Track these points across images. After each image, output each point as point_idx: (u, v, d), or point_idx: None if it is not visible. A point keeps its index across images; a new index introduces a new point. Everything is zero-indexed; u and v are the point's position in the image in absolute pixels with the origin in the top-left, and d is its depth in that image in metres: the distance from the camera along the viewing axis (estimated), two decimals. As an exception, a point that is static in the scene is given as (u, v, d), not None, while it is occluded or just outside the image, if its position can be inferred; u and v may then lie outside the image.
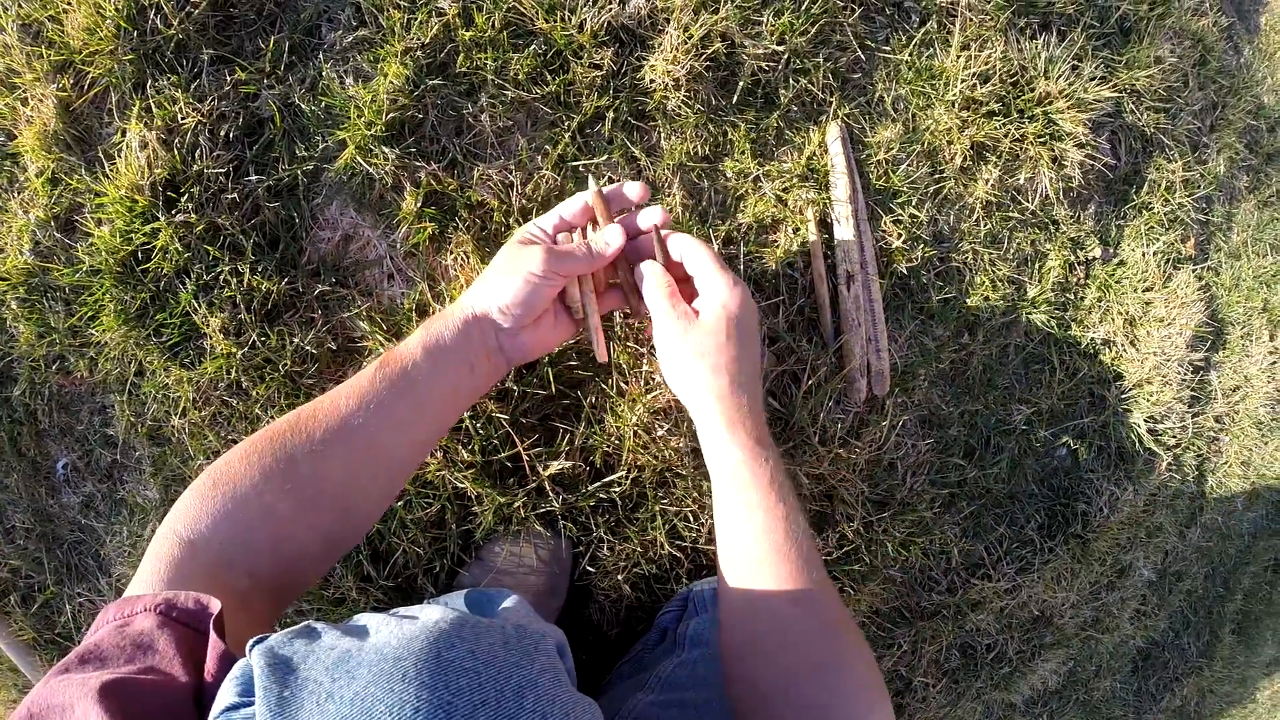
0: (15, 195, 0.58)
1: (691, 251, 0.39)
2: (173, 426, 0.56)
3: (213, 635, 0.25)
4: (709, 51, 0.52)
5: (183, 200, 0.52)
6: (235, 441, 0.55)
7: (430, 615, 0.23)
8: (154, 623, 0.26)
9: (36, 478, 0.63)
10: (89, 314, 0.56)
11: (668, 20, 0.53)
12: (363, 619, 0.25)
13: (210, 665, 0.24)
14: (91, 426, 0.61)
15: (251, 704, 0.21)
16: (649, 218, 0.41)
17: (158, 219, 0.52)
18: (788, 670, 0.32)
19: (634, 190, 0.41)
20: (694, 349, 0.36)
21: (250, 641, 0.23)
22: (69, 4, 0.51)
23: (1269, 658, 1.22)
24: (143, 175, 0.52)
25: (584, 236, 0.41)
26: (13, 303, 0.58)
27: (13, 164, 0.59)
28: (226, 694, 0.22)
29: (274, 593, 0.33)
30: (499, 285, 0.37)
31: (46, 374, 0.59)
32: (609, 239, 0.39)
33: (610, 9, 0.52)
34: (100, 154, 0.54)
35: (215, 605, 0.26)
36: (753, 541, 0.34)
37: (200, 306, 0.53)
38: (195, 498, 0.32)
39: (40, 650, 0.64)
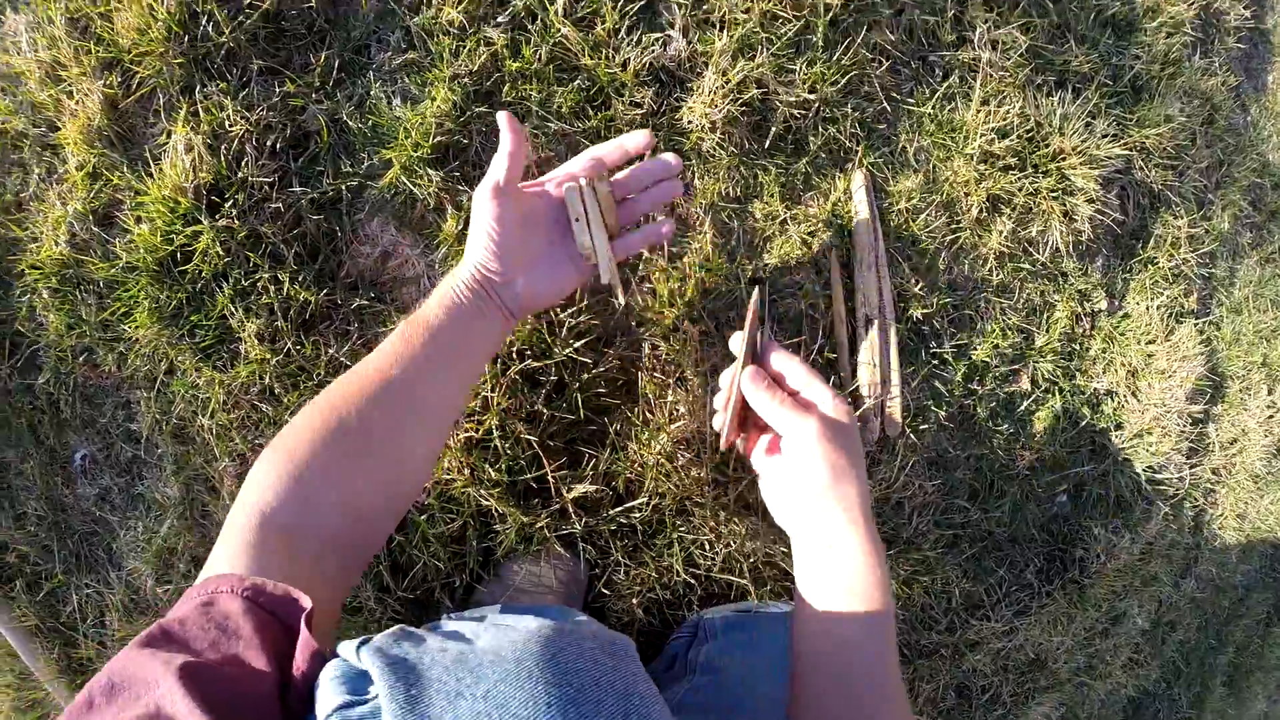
0: (54, 186, 0.61)
1: (793, 364, 0.41)
2: (199, 426, 0.59)
3: (304, 632, 0.26)
4: (745, 97, 0.57)
5: (226, 206, 0.56)
6: (262, 445, 0.58)
7: (530, 622, 0.26)
8: (240, 607, 0.27)
9: (53, 466, 0.66)
10: (122, 310, 0.59)
11: (706, 64, 0.58)
12: (452, 625, 0.27)
13: (300, 662, 0.26)
14: (114, 420, 0.64)
15: (365, 702, 0.23)
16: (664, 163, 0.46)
17: (200, 222, 0.55)
18: None
19: (636, 140, 0.45)
20: (835, 449, 0.37)
21: (350, 642, 0.25)
22: (120, 2, 0.54)
23: (1259, 712, 1.27)
24: (187, 178, 0.55)
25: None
26: (44, 292, 0.61)
27: (53, 155, 0.61)
28: (333, 693, 0.23)
29: (345, 552, 0.35)
30: (472, 240, 0.42)
31: (73, 365, 0.62)
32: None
33: (653, 50, 0.57)
34: (143, 153, 0.58)
35: (306, 601, 0.28)
36: (855, 634, 0.35)
37: (237, 311, 0.56)
38: (261, 471, 0.35)
39: (41, 637, 0.66)
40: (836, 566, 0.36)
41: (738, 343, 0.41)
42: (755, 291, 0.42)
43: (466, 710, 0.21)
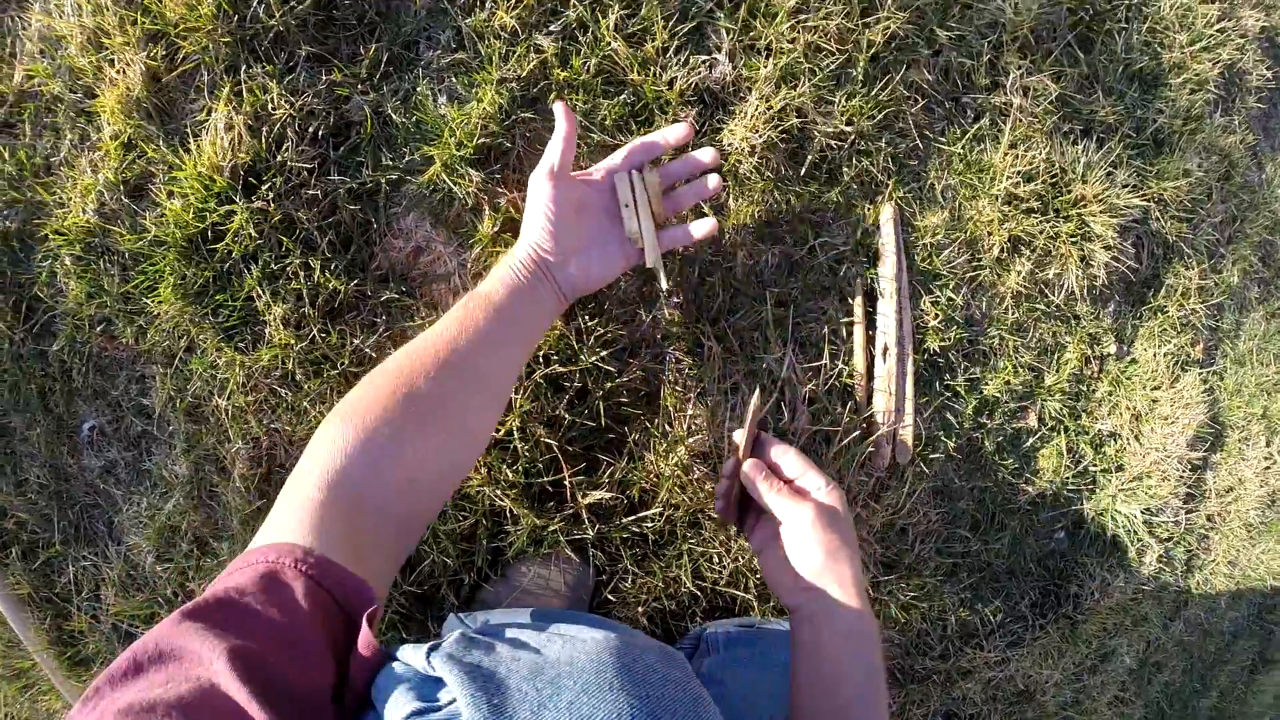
0: (86, 153, 0.61)
1: (789, 455, 0.44)
2: (214, 407, 0.60)
3: (365, 629, 0.26)
4: (784, 124, 0.60)
5: (263, 188, 0.56)
6: (278, 430, 0.59)
7: (595, 633, 0.26)
8: (303, 587, 0.26)
9: (60, 435, 0.66)
10: (146, 283, 0.60)
11: (750, 90, 0.60)
12: (514, 633, 0.27)
13: (360, 660, 0.25)
14: (127, 394, 0.65)
15: (438, 709, 0.23)
16: (704, 157, 0.49)
17: (234, 202, 0.56)
18: None
19: (677, 132, 0.48)
20: (828, 532, 0.40)
21: (415, 647, 0.25)
22: None
23: (1240, 758, 1.31)
24: (225, 157, 0.56)
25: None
26: (67, 259, 0.62)
27: (87, 122, 0.62)
28: (402, 698, 0.23)
29: (402, 523, 0.35)
30: (528, 222, 0.45)
31: (90, 334, 0.63)
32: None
33: (699, 72, 0.59)
34: (181, 129, 0.58)
35: (372, 592, 0.27)
36: (853, 693, 0.38)
37: (264, 294, 0.57)
38: (329, 435, 0.34)
39: (34, 607, 0.66)
40: (833, 634, 0.39)
41: (739, 437, 0.44)
42: (757, 394, 0.45)
43: None
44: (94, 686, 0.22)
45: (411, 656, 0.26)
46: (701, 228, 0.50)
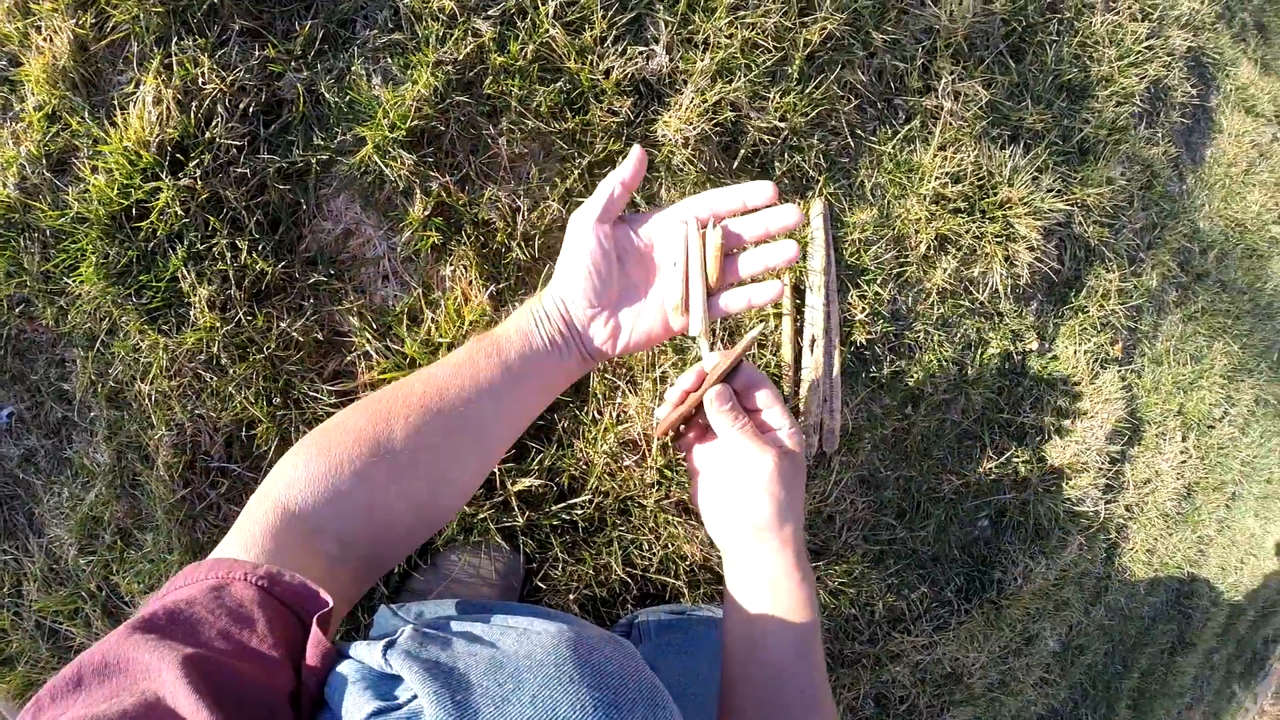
0: (8, 124, 0.58)
1: (766, 388, 0.40)
2: (137, 392, 0.57)
3: (316, 630, 0.25)
4: (719, 117, 0.60)
5: (190, 165, 0.54)
6: (202, 416, 0.57)
7: (548, 625, 0.26)
8: (254, 595, 0.25)
9: (-26, 422, 0.63)
10: (68, 262, 0.57)
11: (686, 82, 0.60)
12: (464, 626, 0.26)
13: (312, 660, 0.24)
14: (46, 378, 0.61)
15: (398, 707, 0.22)
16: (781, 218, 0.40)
17: (161, 178, 0.53)
18: None
19: (761, 193, 0.39)
20: (784, 486, 0.37)
21: (368, 644, 0.24)
22: None
23: (1162, 735, 1.37)
24: (152, 132, 0.53)
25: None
26: (-18, 237, 0.58)
27: (10, 91, 0.58)
28: (360, 698, 0.22)
29: (360, 565, 0.33)
30: (564, 271, 0.38)
31: (8, 315, 0.60)
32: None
33: (636, 62, 0.58)
34: (108, 101, 0.55)
35: (325, 596, 0.26)
36: (784, 650, 0.36)
37: (189, 274, 0.55)
38: (294, 463, 0.33)
39: (-55, 605, 0.63)
40: (769, 593, 0.37)
41: (716, 359, 0.38)
42: (759, 328, 0.42)
43: (515, 715, 0.21)
44: (35, 700, 0.21)
45: (366, 654, 0.25)
46: (766, 292, 0.40)
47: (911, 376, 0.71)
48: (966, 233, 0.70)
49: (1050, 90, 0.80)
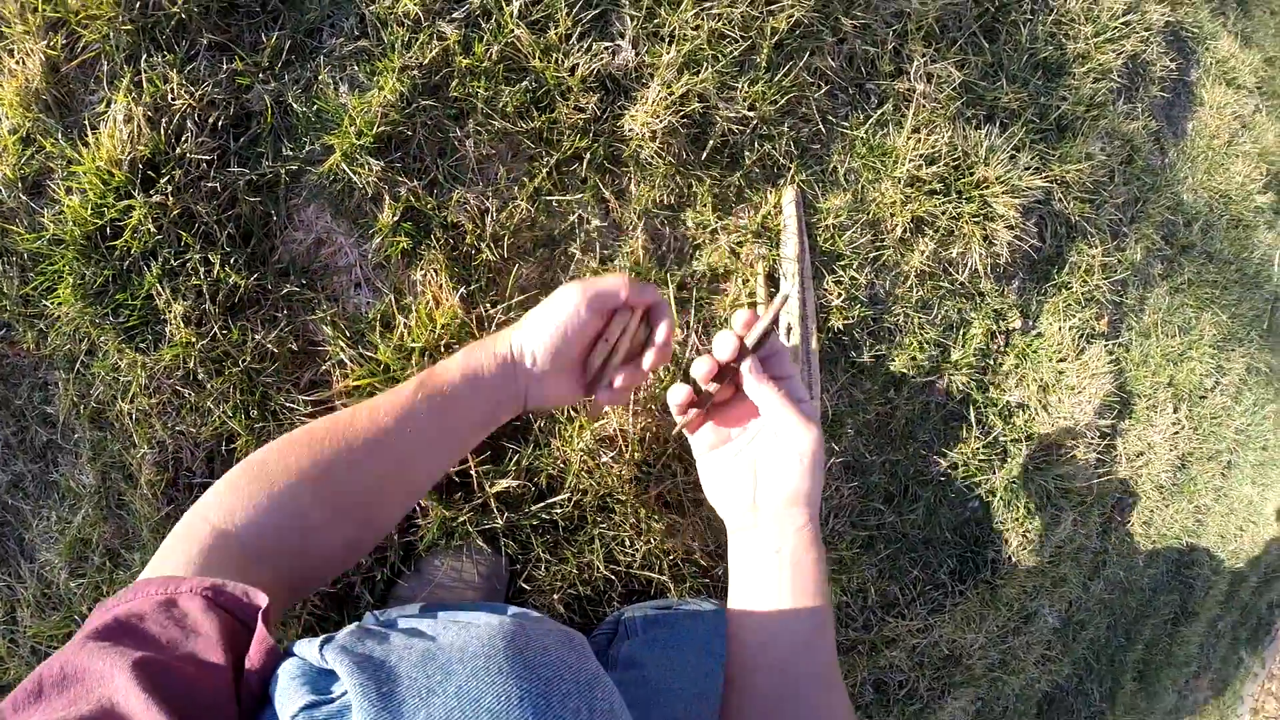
0: None
1: (787, 356, 0.40)
2: (118, 411, 0.57)
3: (260, 628, 0.26)
4: (686, 109, 0.58)
5: (161, 181, 0.53)
6: (183, 433, 0.57)
7: (490, 619, 0.25)
8: (200, 605, 0.26)
9: (-38, 448, 0.62)
10: (45, 284, 0.56)
11: (652, 76, 0.59)
12: (411, 622, 0.26)
13: (254, 657, 0.25)
14: (30, 402, 0.61)
15: (330, 701, 0.22)
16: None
17: (133, 196, 0.53)
18: None
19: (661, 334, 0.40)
20: (818, 465, 0.36)
21: (309, 641, 0.24)
22: None
23: (1170, 705, 1.35)
24: (123, 150, 0.53)
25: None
26: (-39, 263, 0.58)
27: None
28: (295, 693, 0.23)
29: (290, 588, 0.34)
30: (537, 327, 0.39)
31: (-11, 341, 0.59)
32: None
33: (601, 58, 0.57)
34: (81, 121, 0.55)
35: (262, 599, 0.27)
36: (795, 641, 0.35)
37: (164, 291, 0.54)
38: (230, 489, 0.33)
39: (-59, 630, 0.62)
40: (784, 569, 0.36)
41: (747, 324, 0.37)
42: (791, 287, 0.40)
43: (439, 706, 0.21)
44: None
45: (306, 650, 0.25)
46: (649, 358, 0.41)
47: (893, 360, 0.70)
48: (943, 214, 0.68)
49: (1026, 69, 0.78)
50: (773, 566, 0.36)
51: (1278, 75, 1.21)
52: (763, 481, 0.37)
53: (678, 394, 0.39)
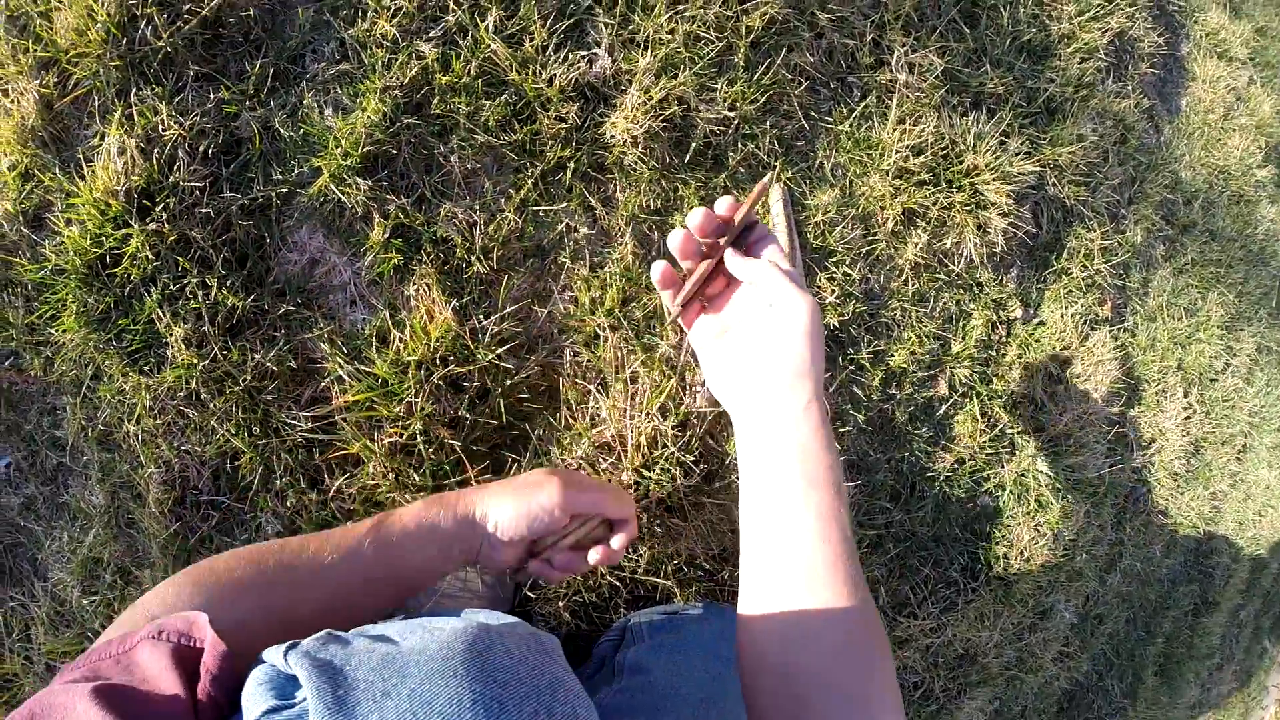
0: None
1: (775, 244, 0.39)
2: (125, 433, 0.58)
3: (211, 634, 0.26)
4: (666, 113, 0.58)
5: (157, 209, 0.54)
6: (188, 452, 0.57)
7: (456, 623, 0.25)
8: (148, 648, 0.27)
9: (-25, 476, 0.63)
10: (49, 313, 0.57)
11: (630, 82, 0.58)
12: (380, 628, 0.26)
13: (209, 663, 0.25)
14: (39, 427, 0.62)
15: (291, 706, 0.22)
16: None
17: (130, 225, 0.54)
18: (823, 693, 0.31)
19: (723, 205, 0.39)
20: (814, 318, 0.35)
21: (279, 648, 0.24)
22: (60, 2, 0.53)
23: (1192, 699, 1.30)
24: (118, 181, 0.54)
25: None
26: (-30, 296, 0.59)
27: None
28: (258, 698, 0.23)
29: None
30: (507, 507, 0.40)
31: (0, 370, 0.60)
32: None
33: (578, 67, 0.57)
34: (76, 155, 0.56)
35: (203, 617, 0.27)
36: (806, 528, 0.33)
37: (164, 315, 0.55)
38: (172, 587, 0.34)
39: (-40, 654, 0.63)
40: (797, 463, 0.34)
41: (730, 209, 0.36)
42: (770, 176, 0.39)
43: (392, 710, 0.21)
44: None
45: (274, 656, 0.25)
46: (595, 555, 0.43)
47: (892, 355, 0.68)
48: (934, 204, 0.67)
49: (1009, 53, 0.77)
50: (782, 455, 0.34)
51: (1270, 45, 1.18)
52: (763, 359, 0.36)
53: (658, 269, 0.39)
